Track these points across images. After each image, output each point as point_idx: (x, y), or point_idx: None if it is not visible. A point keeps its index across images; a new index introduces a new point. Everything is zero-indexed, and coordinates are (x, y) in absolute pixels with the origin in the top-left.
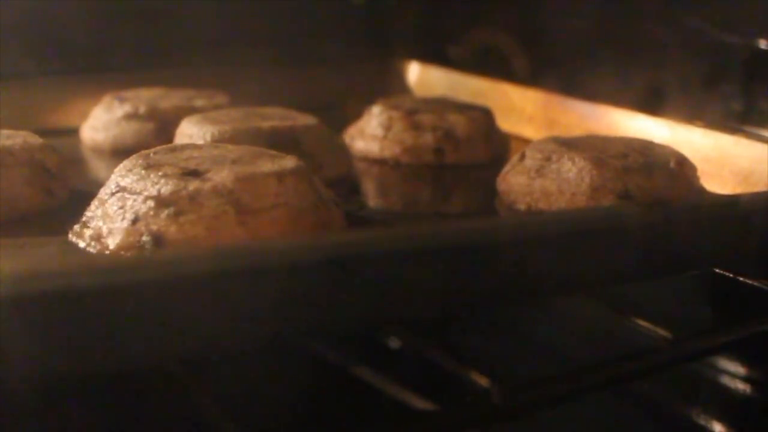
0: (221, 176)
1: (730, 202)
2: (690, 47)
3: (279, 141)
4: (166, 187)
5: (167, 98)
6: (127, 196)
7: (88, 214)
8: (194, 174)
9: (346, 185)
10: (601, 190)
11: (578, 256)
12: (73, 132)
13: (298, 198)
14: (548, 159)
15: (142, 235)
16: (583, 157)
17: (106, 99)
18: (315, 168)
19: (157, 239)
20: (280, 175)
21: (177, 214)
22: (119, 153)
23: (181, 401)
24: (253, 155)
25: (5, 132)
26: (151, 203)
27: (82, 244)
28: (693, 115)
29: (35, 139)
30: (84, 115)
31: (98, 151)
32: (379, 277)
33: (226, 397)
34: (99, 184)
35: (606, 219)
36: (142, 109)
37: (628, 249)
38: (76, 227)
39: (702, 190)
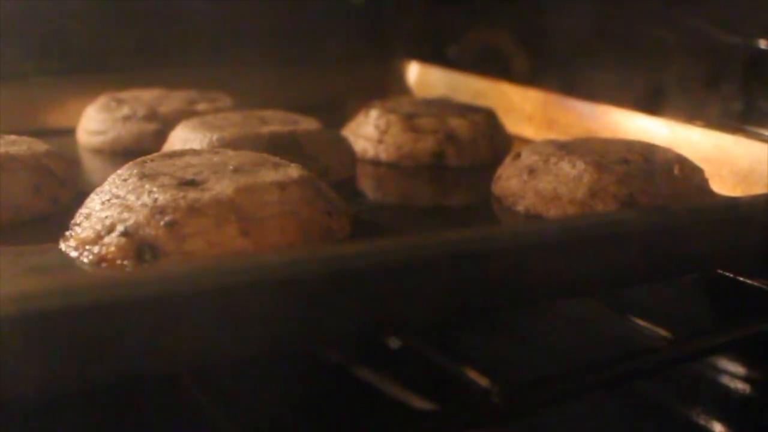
0: (221, 186)
1: (731, 204)
2: (690, 47)
3: (280, 146)
4: (163, 197)
5: (168, 100)
6: (122, 205)
7: (79, 221)
8: (192, 184)
9: (349, 187)
10: (599, 195)
11: (582, 261)
12: (71, 132)
13: (304, 206)
14: (546, 161)
15: (138, 245)
16: (583, 161)
17: (103, 100)
18: (320, 172)
19: (155, 250)
20: (283, 185)
21: (174, 225)
22: (118, 155)
23: (181, 401)
24: (255, 163)
25: (10, 138)
26: (147, 213)
27: (74, 253)
28: (693, 115)
29: (40, 145)
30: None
31: (96, 152)
32: (379, 288)
33: (226, 396)
34: None
35: (608, 225)
36: (141, 112)
37: (630, 254)
38: (68, 234)
39: (708, 193)
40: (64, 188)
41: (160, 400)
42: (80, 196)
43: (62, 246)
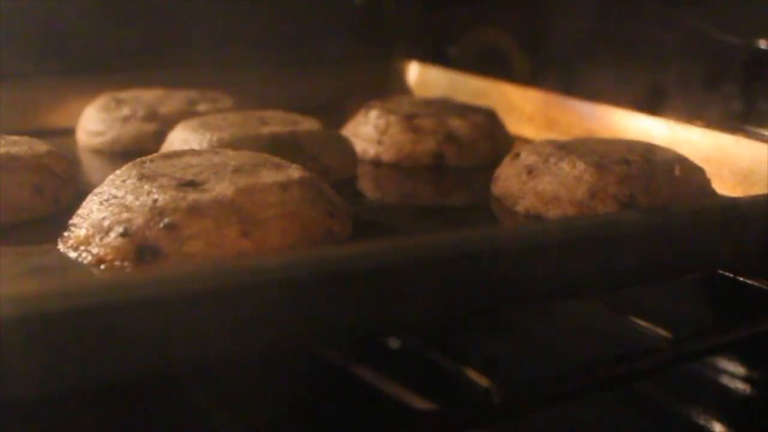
0: (222, 187)
1: (731, 204)
2: (690, 47)
3: (280, 147)
4: (162, 198)
5: (168, 100)
6: (121, 205)
7: (77, 221)
8: (192, 185)
9: (349, 187)
10: (599, 195)
11: (582, 262)
12: (71, 132)
13: (305, 207)
14: (545, 161)
15: (137, 247)
16: (583, 161)
17: (102, 100)
18: (321, 172)
19: (154, 252)
20: (284, 186)
21: (174, 226)
22: (117, 155)
23: (181, 401)
24: (256, 163)
25: (11, 138)
26: (146, 214)
27: (72, 254)
28: (693, 115)
29: (41, 146)
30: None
31: (96, 152)
32: (379, 289)
33: (225, 396)
34: None
35: (609, 225)
36: (141, 112)
37: (631, 254)
38: (66, 234)
39: (710, 193)
40: (65, 188)
41: (160, 400)
42: (82, 196)
43: (61, 247)
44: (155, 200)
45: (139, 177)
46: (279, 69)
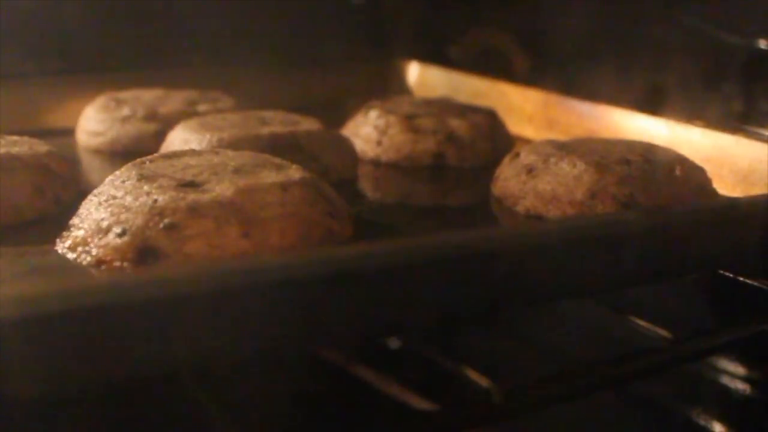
0: (222, 187)
1: (731, 204)
2: (690, 47)
3: (280, 147)
4: (162, 198)
5: (168, 101)
6: (120, 206)
7: (76, 222)
8: (191, 185)
9: (349, 187)
10: (599, 195)
11: (582, 262)
12: (71, 132)
13: (305, 208)
14: (545, 161)
15: (136, 247)
16: (583, 161)
17: (102, 100)
18: (321, 173)
19: (154, 252)
20: (284, 186)
21: (174, 227)
22: (117, 155)
23: (181, 401)
24: (256, 164)
25: (11, 138)
26: (146, 215)
27: (71, 255)
28: (693, 115)
29: (41, 146)
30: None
31: (96, 153)
32: (380, 290)
33: (226, 397)
34: None
35: (609, 225)
36: (141, 112)
37: (631, 254)
38: (65, 234)
39: (711, 193)
40: (66, 189)
41: (160, 400)
42: (82, 196)
43: (60, 247)
44: (155, 201)
45: (139, 177)
46: (279, 69)
